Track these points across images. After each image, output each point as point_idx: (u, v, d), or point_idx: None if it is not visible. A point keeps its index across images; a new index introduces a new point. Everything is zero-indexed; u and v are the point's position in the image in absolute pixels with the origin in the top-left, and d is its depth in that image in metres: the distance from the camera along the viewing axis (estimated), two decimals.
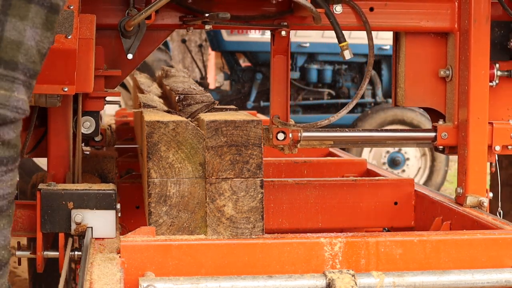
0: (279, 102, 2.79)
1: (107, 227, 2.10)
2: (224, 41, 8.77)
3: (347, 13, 2.66)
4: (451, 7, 2.72)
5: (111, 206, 2.10)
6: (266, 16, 2.66)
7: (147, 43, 2.62)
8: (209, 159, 1.95)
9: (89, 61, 2.30)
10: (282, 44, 2.76)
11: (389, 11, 2.73)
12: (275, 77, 2.79)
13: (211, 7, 2.58)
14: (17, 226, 2.35)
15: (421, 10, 2.73)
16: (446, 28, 2.73)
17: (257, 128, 1.95)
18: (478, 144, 2.65)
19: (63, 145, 2.54)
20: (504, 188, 5.50)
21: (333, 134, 2.85)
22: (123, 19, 2.51)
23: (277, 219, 2.87)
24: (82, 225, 2.10)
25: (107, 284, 1.75)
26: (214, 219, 1.96)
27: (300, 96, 8.84)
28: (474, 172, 2.65)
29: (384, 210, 2.92)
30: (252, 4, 2.64)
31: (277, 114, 2.78)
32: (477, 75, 2.64)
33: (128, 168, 3.23)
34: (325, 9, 2.56)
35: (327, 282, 1.87)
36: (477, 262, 2.07)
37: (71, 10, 2.16)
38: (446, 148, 2.79)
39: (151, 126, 1.95)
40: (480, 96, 2.64)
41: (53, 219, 2.11)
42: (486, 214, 2.45)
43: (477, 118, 2.64)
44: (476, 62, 2.64)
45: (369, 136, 2.92)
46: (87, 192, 2.11)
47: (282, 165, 3.41)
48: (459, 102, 2.70)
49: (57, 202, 2.10)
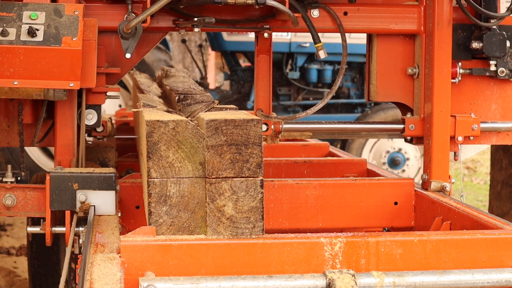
0: (263, 97, 3.10)
1: (108, 205, 2.39)
2: (224, 41, 8.77)
3: (324, 17, 2.95)
4: (417, 12, 2.99)
5: (112, 187, 2.39)
6: (250, 20, 2.94)
7: (144, 43, 2.89)
8: (209, 158, 1.95)
9: (92, 60, 2.59)
10: (265, 45, 3.08)
11: (361, 15, 2.99)
12: (259, 75, 3.10)
13: (200, 12, 2.86)
14: (27, 207, 2.68)
15: (390, 14, 2.99)
16: (413, 30, 3.00)
17: (257, 127, 1.95)
18: (441, 135, 2.93)
19: (69, 135, 2.76)
20: (504, 188, 5.51)
21: (311, 126, 3.19)
22: (122, 23, 2.80)
23: (277, 219, 2.86)
24: (86, 204, 2.39)
25: (107, 284, 1.75)
26: (214, 219, 1.96)
27: (300, 96, 8.84)
28: (438, 160, 2.93)
29: (384, 210, 2.91)
30: (237, 9, 2.90)
31: (261, 108, 3.10)
32: (440, 73, 2.91)
33: (128, 168, 3.23)
34: (302, 14, 2.85)
35: (327, 282, 1.87)
36: (477, 262, 2.07)
37: (76, 15, 2.45)
38: (414, 139, 3.06)
39: (151, 126, 1.95)
40: (443, 92, 2.91)
41: (60, 199, 2.40)
42: (486, 214, 2.45)
43: (440, 112, 2.91)
44: (439, 61, 2.90)
45: (344, 128, 3.21)
46: (90, 175, 2.40)
47: (282, 165, 3.41)
48: (425, 97, 2.97)
49: (64, 183, 2.40)
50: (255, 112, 3.08)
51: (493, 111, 3.06)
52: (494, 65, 2.98)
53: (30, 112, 2.81)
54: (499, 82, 3.04)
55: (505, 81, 3.05)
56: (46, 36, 2.43)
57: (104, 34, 2.81)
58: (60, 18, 2.47)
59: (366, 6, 3.00)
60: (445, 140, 2.94)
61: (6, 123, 2.91)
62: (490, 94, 3.05)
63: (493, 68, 2.98)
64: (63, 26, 2.45)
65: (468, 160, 11.42)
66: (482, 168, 11.16)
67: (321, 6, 2.94)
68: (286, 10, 2.77)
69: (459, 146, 2.98)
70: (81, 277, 1.78)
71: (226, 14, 2.92)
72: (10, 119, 2.92)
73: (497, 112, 3.06)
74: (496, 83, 3.05)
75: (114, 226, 2.24)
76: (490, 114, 3.05)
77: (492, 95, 3.05)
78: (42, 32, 2.43)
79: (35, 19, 2.44)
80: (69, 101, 2.73)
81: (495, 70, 2.98)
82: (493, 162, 5.62)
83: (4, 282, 5.45)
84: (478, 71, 3.02)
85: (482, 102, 3.06)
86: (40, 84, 2.48)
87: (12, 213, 2.74)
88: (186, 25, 2.86)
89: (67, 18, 2.46)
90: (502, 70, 2.98)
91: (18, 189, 2.73)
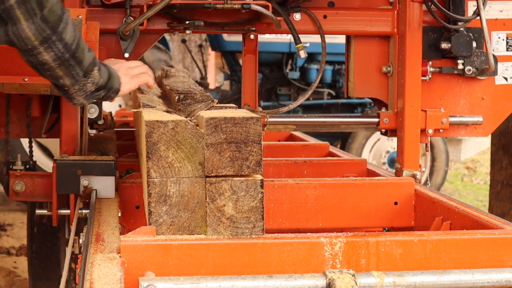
0: (249, 92, 3.41)
1: (108, 190, 2.63)
2: (224, 41, 8.77)
3: (305, 20, 3.23)
4: (391, 15, 3.25)
5: (111, 173, 2.64)
6: (238, 23, 3.22)
7: (141, 44, 3.17)
8: (209, 156, 1.94)
9: None
10: (251, 46, 3.38)
11: (339, 18, 3.28)
12: (246, 73, 3.42)
13: (193, 15, 3.14)
14: (35, 192, 3.00)
15: (366, 18, 3.26)
16: (387, 32, 3.27)
17: (257, 125, 1.95)
18: (412, 127, 3.19)
19: (73, 127, 3.04)
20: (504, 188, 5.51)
21: (294, 119, 3.53)
22: (121, 25, 3.07)
23: (277, 219, 2.86)
24: (88, 188, 2.62)
25: (107, 284, 1.75)
26: (214, 219, 1.96)
27: (300, 96, 8.84)
28: (409, 150, 3.19)
29: (384, 210, 2.92)
30: (226, 13, 3.17)
31: (248, 103, 3.41)
32: (411, 71, 3.19)
33: (128, 168, 3.23)
34: (284, 17, 3.15)
35: (327, 282, 1.87)
36: (477, 262, 2.07)
37: (80, 19, 2.66)
38: (388, 131, 3.33)
39: (150, 126, 1.95)
40: (413, 88, 3.19)
41: (65, 184, 2.65)
42: (486, 214, 2.45)
43: (411, 106, 3.19)
44: (410, 61, 3.18)
45: (324, 121, 3.52)
46: (92, 162, 2.65)
47: (282, 165, 3.41)
48: (398, 94, 3.24)
49: (69, 170, 2.64)
50: (243, 107, 3.37)
51: (461, 106, 3.32)
52: (462, 64, 3.24)
53: (38, 106, 3.08)
54: (467, 79, 3.30)
55: (472, 79, 3.30)
56: None
57: (105, 36, 3.05)
58: None
59: (344, 10, 3.28)
60: (416, 132, 3.20)
61: (15, 116, 3.22)
62: (459, 90, 3.32)
63: (461, 67, 3.24)
64: None
65: (468, 160, 11.43)
66: (482, 168, 11.17)
67: (302, 10, 3.23)
68: (269, 14, 3.06)
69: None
70: (81, 277, 1.78)
71: (216, 17, 3.18)
72: (19, 112, 3.23)
73: (465, 107, 3.32)
74: (464, 80, 3.30)
75: (114, 226, 2.24)
76: (459, 109, 3.31)
77: (461, 92, 3.32)
78: None
79: None
80: None
81: (463, 69, 3.24)
82: (493, 162, 5.62)
83: (4, 282, 5.46)
84: (447, 69, 3.29)
85: (452, 98, 3.31)
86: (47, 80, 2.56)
87: (21, 198, 3.10)
88: (179, 28, 3.14)
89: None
90: (469, 68, 3.24)
91: (26, 176, 3.06)
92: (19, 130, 3.28)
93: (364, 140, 8.29)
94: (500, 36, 3.33)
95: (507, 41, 3.33)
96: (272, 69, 8.95)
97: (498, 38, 3.33)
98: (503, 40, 3.33)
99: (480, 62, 3.26)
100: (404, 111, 3.19)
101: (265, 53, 8.39)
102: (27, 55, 2.11)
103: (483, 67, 3.25)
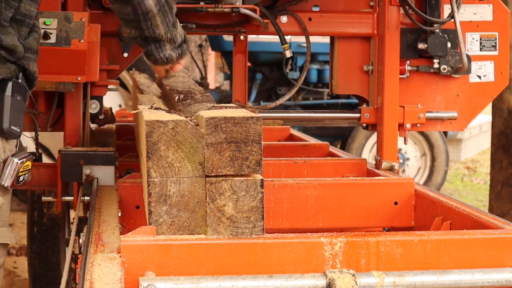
0: (239, 89, 3.67)
1: (108, 178, 2.85)
2: (224, 41, 8.77)
3: (291, 22, 3.49)
4: (371, 18, 3.51)
5: (112, 162, 2.86)
6: (229, 25, 3.49)
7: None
8: (209, 155, 1.94)
9: (96, 58, 3.09)
10: (241, 46, 3.65)
11: (323, 21, 3.54)
12: (236, 71, 3.69)
13: (187, 18, 3.38)
14: (41, 181, 3.22)
15: (348, 20, 3.53)
16: (368, 33, 3.52)
17: (257, 124, 1.95)
18: (390, 122, 3.45)
19: (76, 121, 3.25)
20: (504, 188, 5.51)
21: (281, 114, 3.92)
22: (120, 28, 3.31)
23: (277, 219, 2.86)
24: (90, 176, 2.84)
25: (107, 283, 1.75)
26: (214, 219, 1.96)
27: (300, 96, 8.84)
28: (388, 143, 3.44)
29: (384, 210, 2.91)
30: (218, 16, 3.45)
31: (238, 99, 3.65)
32: (390, 70, 3.44)
33: (128, 168, 3.24)
34: (271, 20, 3.41)
35: (328, 281, 1.87)
36: (477, 261, 2.06)
37: (83, 22, 2.92)
38: (369, 126, 3.58)
39: (150, 126, 1.95)
40: (392, 86, 3.44)
41: (69, 172, 2.88)
42: (486, 214, 2.45)
43: (390, 103, 3.44)
44: (389, 60, 3.44)
45: (309, 116, 3.87)
46: (94, 153, 2.88)
47: (282, 165, 3.40)
48: (377, 91, 3.49)
49: (72, 160, 2.87)
50: (233, 103, 3.58)
51: (438, 102, 3.56)
52: (438, 63, 3.49)
53: (44, 102, 3.24)
54: (443, 77, 3.54)
55: (448, 77, 3.55)
56: (58, 39, 2.89)
57: (105, 37, 3.27)
58: (69, 24, 2.93)
59: (328, 13, 3.54)
60: (394, 127, 3.46)
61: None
62: (435, 88, 3.56)
63: (437, 66, 3.49)
64: (72, 31, 2.91)
65: (468, 160, 11.42)
66: (482, 168, 11.16)
67: (289, 13, 3.48)
68: (256, 16, 3.33)
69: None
70: (81, 277, 1.78)
71: (209, 20, 3.45)
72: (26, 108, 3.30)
73: (441, 103, 3.56)
74: (440, 78, 3.54)
75: (114, 226, 2.24)
76: (435, 105, 3.56)
77: (437, 89, 3.56)
78: (55, 36, 2.89)
79: (49, 25, 2.90)
80: (76, 93, 3.20)
81: (439, 68, 3.49)
82: (493, 162, 5.62)
83: (4, 282, 5.45)
84: (424, 68, 3.53)
85: (428, 94, 3.54)
86: (53, 78, 2.96)
87: (28, 187, 3.42)
88: None
89: (75, 24, 2.93)
90: (445, 67, 3.49)
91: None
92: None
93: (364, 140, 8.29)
94: (474, 37, 3.58)
95: (480, 41, 3.58)
96: (272, 69, 8.95)
97: (472, 39, 3.58)
98: (477, 41, 3.58)
99: (455, 61, 3.49)
100: (383, 107, 3.43)
101: (265, 53, 8.40)
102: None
103: (457, 66, 3.49)
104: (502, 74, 3.62)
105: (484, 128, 9.79)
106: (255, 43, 8.41)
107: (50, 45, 2.87)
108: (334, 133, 8.54)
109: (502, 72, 3.62)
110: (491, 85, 3.60)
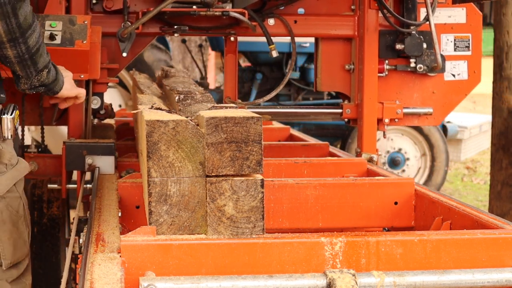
0: (230, 87, 3.99)
1: (108, 167, 3.09)
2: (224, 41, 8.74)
3: (278, 24, 3.79)
4: (352, 20, 3.83)
5: (112, 153, 3.09)
6: (220, 27, 3.77)
7: (137, 45, 3.72)
8: (209, 155, 1.94)
9: (97, 58, 3.34)
10: (232, 46, 3.99)
11: (308, 23, 3.82)
12: (227, 70, 4.01)
13: (182, 21, 3.68)
14: (46, 171, 3.58)
15: (331, 22, 3.83)
16: (349, 35, 3.84)
17: (257, 124, 1.95)
18: (370, 117, 3.77)
19: (79, 116, 3.53)
20: (504, 188, 5.51)
21: (269, 110, 4.19)
22: (119, 29, 3.60)
23: (277, 219, 2.86)
24: (92, 165, 3.08)
25: (107, 283, 1.75)
26: (214, 219, 1.96)
27: (300, 96, 8.84)
28: (367, 137, 3.79)
29: (384, 210, 2.91)
30: (210, 19, 3.71)
31: (229, 96, 3.96)
32: (369, 69, 3.75)
33: (128, 168, 3.24)
34: (258, 22, 3.68)
35: (328, 281, 1.87)
36: (477, 261, 2.06)
37: (85, 24, 3.18)
38: (351, 121, 3.89)
39: (151, 125, 1.95)
40: (371, 84, 3.75)
41: (73, 162, 3.12)
42: (486, 213, 2.45)
43: (369, 99, 3.75)
44: (368, 60, 3.74)
45: (296, 111, 4.26)
46: (96, 144, 3.12)
47: (282, 165, 3.40)
48: (358, 88, 3.81)
49: (76, 150, 3.11)
50: (224, 99, 3.96)
51: (414, 99, 3.86)
52: (414, 62, 3.79)
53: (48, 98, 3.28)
54: (419, 76, 3.84)
55: (424, 75, 3.84)
56: (63, 39, 3.13)
57: (106, 38, 3.55)
58: (73, 26, 3.17)
59: (312, 16, 3.83)
60: (373, 121, 3.77)
61: (29, 107, 3.67)
62: (412, 85, 3.85)
63: (413, 65, 3.79)
64: (75, 32, 3.15)
65: (468, 160, 11.43)
66: (482, 168, 11.16)
67: (276, 16, 3.76)
68: (244, 19, 3.59)
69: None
70: (81, 277, 1.78)
71: (202, 22, 3.72)
72: (32, 103, 3.68)
73: (418, 100, 3.86)
74: (417, 77, 3.84)
75: (114, 226, 2.24)
76: (412, 101, 3.86)
77: (414, 86, 3.86)
78: (60, 37, 3.13)
79: (55, 27, 3.14)
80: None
81: (415, 67, 3.79)
82: (493, 162, 5.63)
83: None
84: (402, 67, 3.82)
85: (406, 91, 3.84)
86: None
87: (35, 176, 3.70)
88: (169, 31, 3.68)
89: (78, 26, 3.17)
90: (421, 66, 3.79)
91: (39, 157, 3.63)
92: (32, 119, 3.70)
93: None
94: (449, 38, 3.86)
95: (454, 42, 3.87)
96: (272, 69, 8.94)
97: (447, 40, 3.86)
98: (451, 41, 3.86)
99: (430, 61, 3.77)
100: (363, 103, 3.76)
101: (265, 53, 8.39)
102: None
103: (432, 65, 3.77)
104: (475, 73, 3.90)
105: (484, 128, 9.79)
106: (255, 43, 8.41)
107: (55, 46, 3.09)
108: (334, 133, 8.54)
109: (475, 71, 3.89)
110: (465, 83, 3.87)
